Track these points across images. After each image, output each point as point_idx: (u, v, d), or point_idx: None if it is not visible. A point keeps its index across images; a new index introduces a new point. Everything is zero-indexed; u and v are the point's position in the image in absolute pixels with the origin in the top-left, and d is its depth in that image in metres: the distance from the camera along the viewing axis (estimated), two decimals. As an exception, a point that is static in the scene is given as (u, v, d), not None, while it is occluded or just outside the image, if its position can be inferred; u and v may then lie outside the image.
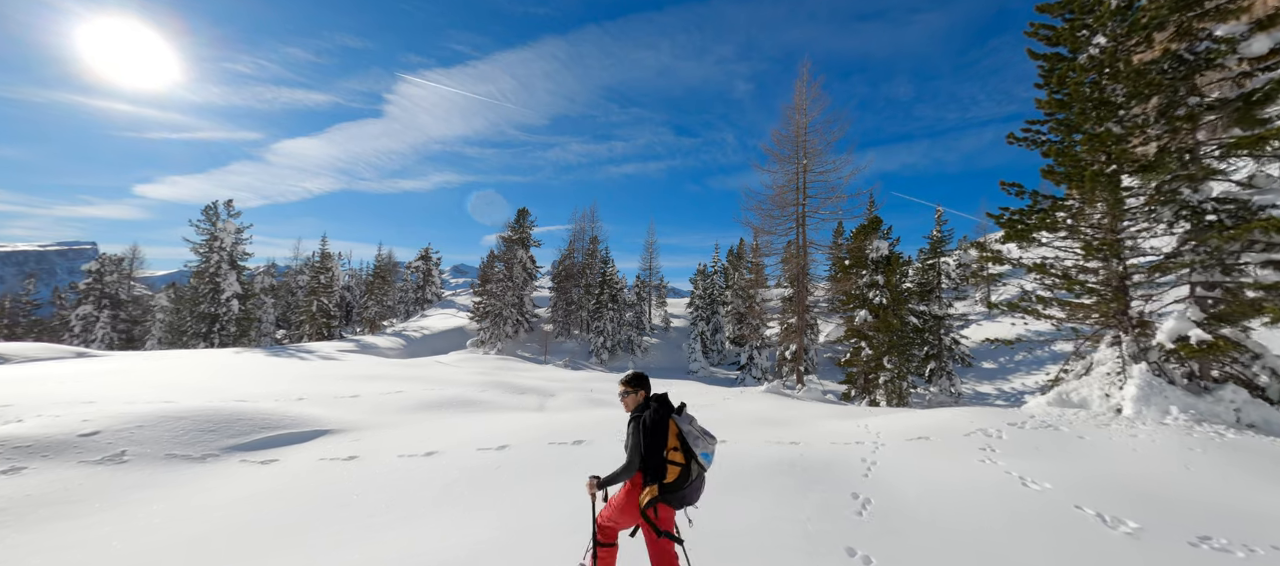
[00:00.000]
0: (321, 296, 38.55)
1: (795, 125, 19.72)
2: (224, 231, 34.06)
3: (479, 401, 10.24)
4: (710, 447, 2.64)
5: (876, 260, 23.20)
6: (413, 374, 14.31)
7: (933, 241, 28.95)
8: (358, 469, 5.48)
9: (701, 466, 2.59)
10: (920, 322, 26.03)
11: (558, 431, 6.90)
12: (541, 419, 8.22)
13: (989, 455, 5.76)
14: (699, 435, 2.62)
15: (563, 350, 36.64)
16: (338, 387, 10.74)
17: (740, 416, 9.86)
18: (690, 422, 2.66)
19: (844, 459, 5.65)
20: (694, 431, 2.62)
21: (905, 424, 7.64)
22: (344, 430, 7.18)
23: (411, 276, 56.69)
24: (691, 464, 2.57)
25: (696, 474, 2.60)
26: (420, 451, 6.08)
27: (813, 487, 4.70)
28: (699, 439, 2.60)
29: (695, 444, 2.58)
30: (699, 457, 2.59)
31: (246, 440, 6.22)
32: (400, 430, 7.37)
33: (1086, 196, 7.87)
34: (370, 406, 8.96)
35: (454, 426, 7.59)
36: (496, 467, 5.38)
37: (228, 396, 9.09)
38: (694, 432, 2.61)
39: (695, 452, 2.57)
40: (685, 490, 2.59)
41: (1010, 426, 6.81)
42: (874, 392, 22.70)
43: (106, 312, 37.10)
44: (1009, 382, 29.32)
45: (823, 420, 9.43)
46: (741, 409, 11.66)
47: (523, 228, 41.56)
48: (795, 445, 6.39)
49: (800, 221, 19.76)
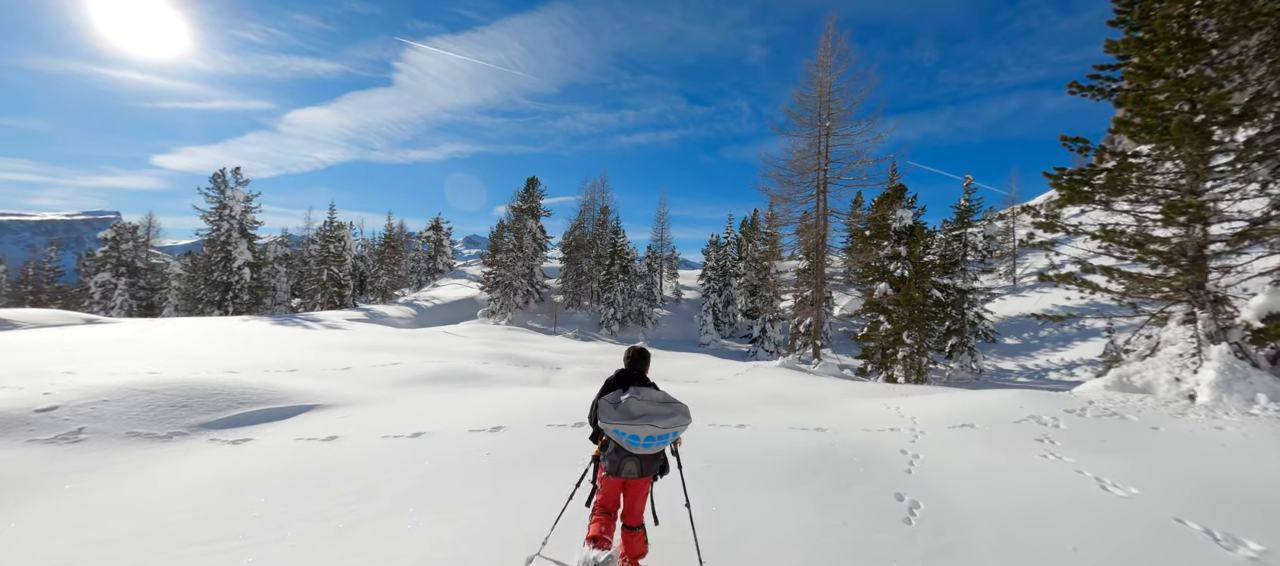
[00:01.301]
0: (332, 265, 38.50)
1: (819, 84, 18.37)
2: (233, 199, 33.84)
3: (480, 375, 9.72)
4: (634, 429, 2.67)
5: (899, 230, 22.03)
6: (416, 344, 13.88)
7: (960, 211, 27.49)
8: (334, 452, 4.94)
9: (615, 441, 2.77)
10: (944, 296, 24.93)
11: (560, 410, 6.29)
12: (545, 395, 7.64)
13: (1049, 448, 5.01)
14: (635, 415, 2.69)
15: (573, 321, 36.30)
16: (335, 358, 10.29)
17: (757, 394, 9.21)
18: (633, 397, 2.76)
19: (881, 450, 4.95)
20: (628, 408, 2.71)
21: (942, 407, 6.89)
22: (332, 405, 6.67)
23: (423, 246, 56.53)
24: (609, 437, 2.81)
25: (615, 447, 2.81)
26: (407, 431, 5.52)
27: (851, 488, 4.01)
28: (620, 416, 2.70)
29: (606, 418, 2.73)
30: (610, 432, 2.75)
31: (222, 416, 5.72)
32: (391, 406, 6.84)
33: (1166, 151, 6.81)
34: (365, 379, 8.47)
35: (450, 403, 7.04)
36: (485, 454, 4.78)
37: (218, 367, 8.67)
38: (623, 409, 2.71)
39: (605, 427, 2.76)
40: (607, 459, 2.85)
41: (1068, 414, 6.02)
42: (891, 368, 21.93)
43: (124, 280, 37.52)
44: (1032, 359, 28.23)
45: (846, 400, 8.73)
46: (757, 385, 11.00)
47: (532, 197, 40.70)
48: (823, 432, 5.70)
49: (821, 188, 18.63)
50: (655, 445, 2.74)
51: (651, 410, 2.71)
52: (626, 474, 2.78)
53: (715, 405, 7.00)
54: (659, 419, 2.69)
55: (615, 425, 2.69)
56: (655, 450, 2.78)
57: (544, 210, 41.17)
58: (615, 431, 2.71)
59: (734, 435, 5.49)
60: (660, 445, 2.76)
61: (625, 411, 2.70)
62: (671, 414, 2.74)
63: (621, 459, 2.78)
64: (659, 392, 2.89)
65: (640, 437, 2.68)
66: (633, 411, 2.70)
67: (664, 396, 2.86)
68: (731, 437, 5.39)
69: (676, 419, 2.74)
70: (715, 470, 4.37)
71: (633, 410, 2.70)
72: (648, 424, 2.66)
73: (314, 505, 3.81)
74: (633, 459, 2.77)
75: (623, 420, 2.68)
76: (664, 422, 2.70)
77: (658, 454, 2.84)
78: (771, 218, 35.86)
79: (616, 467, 2.80)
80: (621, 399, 2.76)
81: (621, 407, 2.72)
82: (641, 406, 2.72)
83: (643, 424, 2.66)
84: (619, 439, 2.73)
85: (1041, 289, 36.63)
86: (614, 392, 2.85)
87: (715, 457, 4.69)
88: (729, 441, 5.25)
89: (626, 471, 2.78)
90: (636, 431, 2.66)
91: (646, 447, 2.72)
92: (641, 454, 2.76)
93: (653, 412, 2.71)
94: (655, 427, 2.67)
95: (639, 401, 2.74)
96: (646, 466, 2.81)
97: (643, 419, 2.67)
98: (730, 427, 5.80)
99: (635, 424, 2.66)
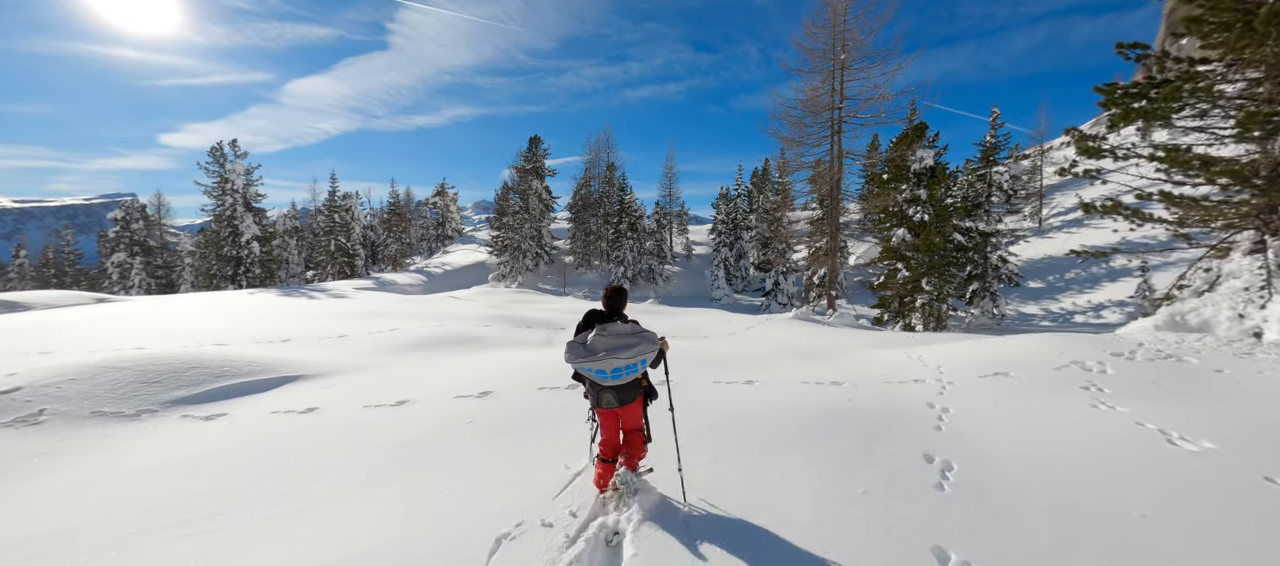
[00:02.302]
0: (339, 235, 38.41)
1: (832, 12, 16.85)
2: (233, 173, 33.50)
3: (479, 338, 9.38)
4: (598, 364, 2.77)
5: (919, 172, 20.80)
6: (417, 310, 13.61)
7: (985, 149, 25.90)
8: (310, 425, 4.60)
9: (589, 378, 2.92)
10: (966, 240, 23.84)
11: (553, 372, 5.89)
12: (542, 357, 7.25)
13: (1099, 397, 4.45)
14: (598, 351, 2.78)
15: (583, 281, 36.00)
16: (333, 327, 10.03)
17: (769, 347, 8.72)
18: (598, 333, 2.85)
19: (907, 404, 4.44)
20: (592, 346, 2.81)
21: (971, 355, 6.32)
22: (317, 375, 6.36)
23: (430, 213, 56.13)
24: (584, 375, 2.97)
25: (590, 384, 2.99)
26: (390, 400, 5.17)
27: (873, 449, 3.52)
28: (585, 354, 2.80)
29: (575, 357, 2.83)
30: (581, 370, 2.87)
31: (198, 391, 5.43)
32: (380, 374, 6.51)
33: (1245, 53, 5.82)
34: (358, 347, 8.17)
35: (441, 368, 6.68)
36: (468, 422, 4.39)
37: (209, 340, 8.43)
38: (589, 347, 2.81)
39: (576, 366, 2.87)
40: (588, 395, 3.08)
41: (1114, 357, 5.41)
42: (909, 316, 21.28)
43: (139, 260, 38.00)
44: (1057, 303, 27.24)
45: (864, 350, 8.20)
46: (769, 338, 10.52)
47: (536, 156, 39.64)
48: (840, 386, 5.21)
49: (836, 128, 17.44)
50: (625, 375, 2.85)
51: (614, 343, 2.80)
52: (606, 404, 2.96)
53: (723, 360, 6.54)
54: (621, 351, 2.78)
55: (582, 364, 2.81)
56: (627, 379, 2.89)
57: (549, 169, 40.15)
58: (584, 369, 2.83)
59: (741, 392, 5.03)
60: (630, 374, 2.86)
61: (590, 349, 2.81)
62: (637, 343, 2.82)
63: (598, 392, 2.96)
64: (625, 326, 2.95)
65: (607, 371, 2.79)
66: (595, 348, 2.80)
67: (632, 327, 2.94)
68: (738, 395, 4.93)
69: (641, 347, 2.82)
70: (717, 432, 3.92)
71: (595, 347, 2.80)
72: (609, 357, 2.76)
73: (278, 484, 3.46)
74: (608, 390, 2.93)
75: (587, 358, 2.79)
76: (626, 354, 2.78)
77: (632, 382, 2.95)
78: (782, 165, 34.40)
79: (597, 400, 3.00)
80: (588, 338, 2.85)
81: (588, 346, 2.82)
82: (605, 341, 2.81)
83: (604, 358, 2.76)
84: (589, 375, 2.86)
85: (1069, 229, 35.04)
86: (582, 335, 2.93)
87: (718, 418, 4.23)
88: (735, 399, 4.79)
89: (606, 402, 2.96)
90: (602, 365, 2.77)
91: (615, 379, 2.85)
92: (614, 385, 2.90)
93: (615, 346, 2.80)
94: (618, 359, 2.77)
95: (603, 337, 2.83)
96: (625, 394, 2.96)
97: (604, 353, 2.77)
98: (737, 384, 5.34)
99: (599, 359, 2.76)
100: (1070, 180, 46.29)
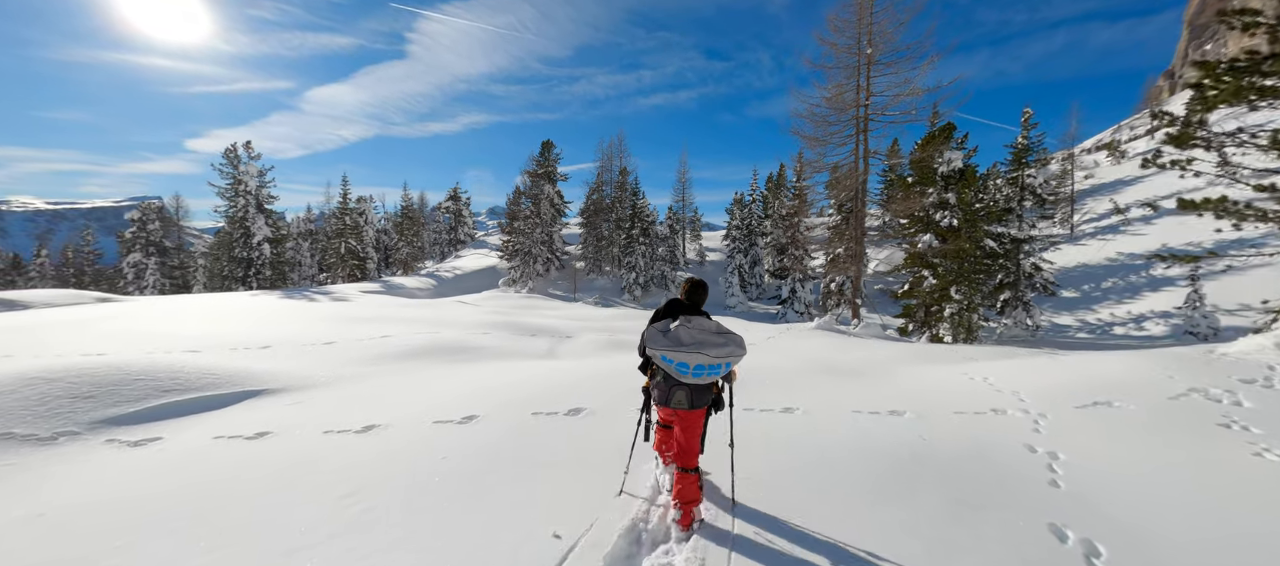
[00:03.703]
0: (350, 238, 38.21)
1: (857, 5, 15.87)
2: (247, 174, 33.46)
3: (476, 347, 8.54)
4: (682, 357, 2.54)
5: (947, 174, 19.65)
6: (418, 315, 12.86)
7: (1016, 151, 24.57)
8: (252, 455, 3.76)
9: (663, 369, 2.66)
10: (998, 246, 22.50)
11: (554, 392, 4.99)
12: (544, 371, 6.37)
13: (1250, 440, 3.41)
14: (685, 343, 2.55)
15: (594, 287, 35.21)
16: (322, 332, 9.27)
17: (797, 360, 7.73)
18: (683, 325, 2.62)
19: (1000, 447, 3.45)
20: (677, 336, 2.58)
21: (1048, 377, 5.27)
22: (285, 389, 5.55)
23: (443, 218, 56.00)
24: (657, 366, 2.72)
25: (664, 376, 2.71)
26: (357, 424, 4.32)
27: (977, 514, 2.56)
28: (669, 344, 2.57)
29: (655, 345, 2.61)
30: (658, 359, 2.63)
31: (136, 408, 4.64)
32: (357, 387, 5.68)
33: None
34: (342, 355, 7.38)
35: (427, 383, 5.83)
36: (442, 458, 3.51)
37: (183, 345, 7.72)
38: (673, 337, 2.58)
39: (653, 354, 2.65)
40: (656, 388, 2.78)
41: (1244, 385, 4.35)
42: (936, 327, 20.07)
43: (154, 260, 38.17)
44: (1094, 313, 25.62)
45: (908, 367, 7.17)
46: (795, 350, 9.52)
47: (548, 161, 39.11)
48: (900, 416, 4.22)
49: (861, 127, 16.41)
50: (706, 375, 2.60)
51: (703, 338, 2.57)
52: (676, 403, 2.68)
53: (750, 377, 5.59)
54: (710, 347, 2.55)
55: (663, 352, 2.58)
56: (706, 380, 2.63)
57: (561, 174, 39.57)
58: (663, 358, 2.60)
59: (781, 425, 4.08)
60: (712, 375, 2.61)
61: (675, 338, 2.58)
62: (725, 343, 2.58)
63: (670, 388, 2.69)
64: (712, 322, 2.71)
65: (689, 366, 2.56)
66: (682, 339, 2.57)
67: (717, 326, 2.70)
68: (778, 428, 3.98)
69: (730, 349, 2.58)
70: (759, 484, 2.98)
71: (682, 338, 2.57)
72: (698, 351, 2.53)
73: (174, 546, 2.61)
74: (682, 388, 2.67)
75: (671, 347, 2.56)
76: (716, 351, 2.55)
77: (709, 385, 2.69)
78: (799, 173, 33.36)
79: (665, 396, 2.72)
80: (671, 327, 2.63)
81: (671, 335, 2.60)
82: (692, 334, 2.59)
83: (692, 351, 2.54)
84: (667, 366, 2.62)
85: (1104, 235, 33.32)
86: (664, 321, 2.72)
87: (762, 460, 3.29)
88: (775, 433, 3.85)
89: (676, 401, 2.68)
90: (686, 359, 2.55)
91: (696, 377, 2.60)
92: (691, 383, 2.64)
93: (704, 341, 2.56)
94: (706, 356, 2.54)
95: (689, 329, 2.60)
96: (697, 397, 2.67)
97: (692, 346, 2.54)
98: (773, 412, 4.38)
99: (684, 351, 2.54)
100: (1102, 185, 44.17)
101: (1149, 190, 37.38)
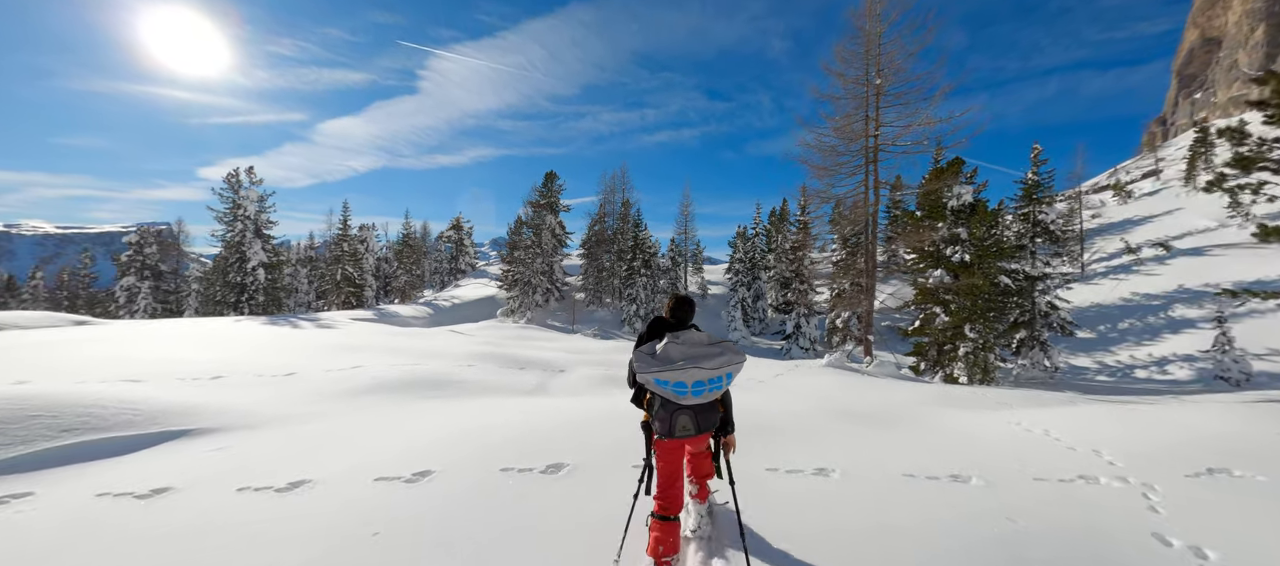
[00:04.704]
0: (346, 265, 37.69)
1: (866, 36, 15.70)
2: (247, 199, 33.23)
3: (457, 381, 7.68)
4: (677, 375, 2.23)
5: (958, 209, 19.15)
6: (402, 344, 12.03)
7: (1026, 186, 24.15)
8: (135, 521, 2.93)
9: (660, 394, 2.35)
10: (1012, 283, 21.73)
11: (534, 439, 4.15)
12: (526, 411, 5.52)
13: None
14: (675, 359, 2.26)
15: (593, 319, 34.37)
16: (287, 362, 8.44)
17: (813, 402, 6.85)
18: (671, 341, 2.34)
19: (1111, 534, 2.61)
20: (666, 354, 2.29)
21: (1127, 431, 4.41)
22: (216, 429, 4.71)
23: (445, 247, 55.77)
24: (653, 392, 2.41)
25: (661, 403, 2.41)
26: (283, 479, 3.48)
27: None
28: (659, 364, 2.27)
29: (645, 368, 2.29)
30: (652, 384, 2.31)
31: (22, 453, 3.80)
32: (302, 429, 4.83)
33: None
34: (300, 389, 6.54)
35: (385, 424, 4.99)
36: (371, 533, 2.67)
37: (126, 372, 6.89)
38: (662, 356, 2.29)
39: (645, 380, 2.33)
40: (657, 419, 2.42)
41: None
42: (950, 366, 19.12)
43: (148, 284, 37.58)
44: (1112, 355, 24.61)
45: (938, 411, 6.30)
46: (808, 390, 8.63)
47: (551, 192, 39.03)
48: (965, 483, 3.36)
49: (871, 156, 15.95)
50: (707, 391, 2.31)
51: (695, 352, 2.30)
52: (681, 431, 2.37)
53: (765, 424, 4.74)
54: (705, 360, 2.26)
55: (656, 375, 2.27)
56: (709, 397, 2.34)
57: (563, 205, 39.39)
58: (657, 382, 2.28)
59: (815, 494, 3.22)
60: (713, 391, 2.32)
61: (664, 358, 2.29)
62: (721, 353, 2.31)
63: (672, 415, 2.38)
64: (701, 335, 2.41)
65: (687, 384, 2.26)
66: (672, 356, 2.28)
67: (708, 337, 2.40)
68: (812, 499, 3.13)
69: (727, 358, 2.31)
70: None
71: (672, 355, 2.29)
72: (693, 366, 2.25)
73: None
74: (685, 412, 2.37)
75: (663, 368, 2.26)
76: (712, 363, 2.27)
77: (712, 404, 2.43)
78: (804, 204, 33.04)
79: (669, 426, 2.39)
80: (659, 347, 2.35)
81: (660, 355, 2.31)
82: (682, 349, 2.31)
83: (687, 368, 2.24)
84: (663, 390, 2.29)
85: (1116, 275, 32.62)
86: (650, 343, 2.41)
87: (793, 552, 2.43)
88: (810, 508, 2.99)
89: (681, 428, 2.37)
90: (682, 378, 2.25)
91: (697, 396, 2.31)
92: (694, 404, 2.35)
93: (697, 354, 2.29)
94: (702, 370, 2.25)
95: (678, 345, 2.33)
96: (703, 420, 2.41)
97: (685, 362, 2.26)
98: (804, 473, 3.52)
99: (677, 369, 2.25)
100: (1111, 224, 43.81)
101: (1160, 230, 36.96)
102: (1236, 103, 63.20)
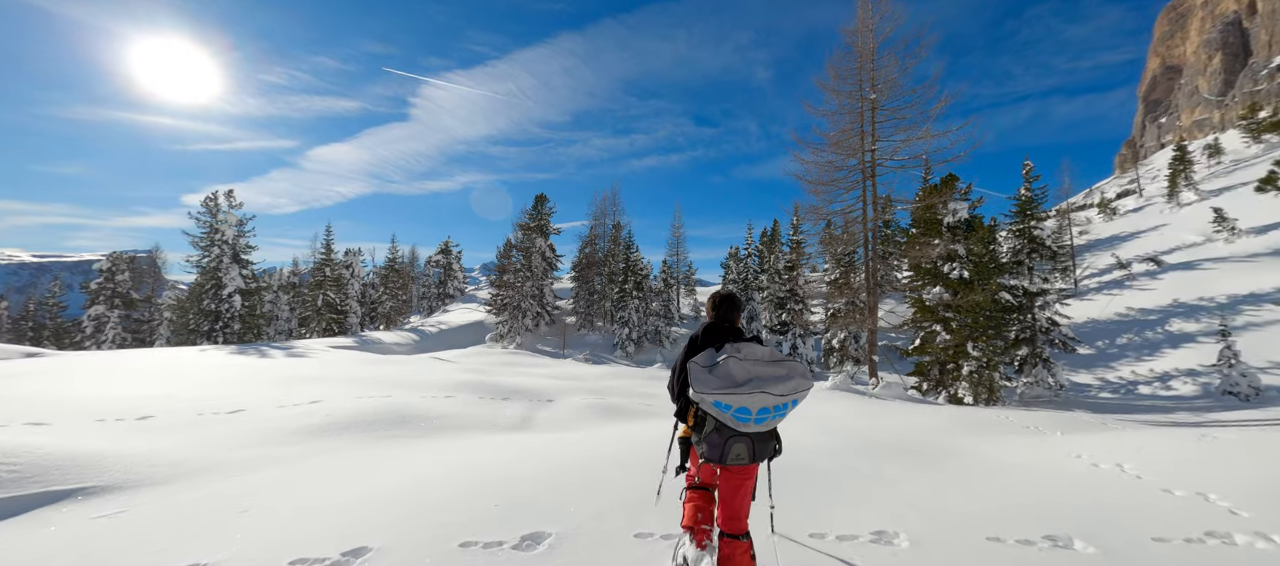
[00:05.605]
0: (329, 291, 36.45)
1: (859, 52, 15.47)
2: (225, 223, 32.08)
3: (431, 415, 6.76)
4: (743, 400, 1.84)
5: (953, 225, 18.82)
6: (377, 374, 11.04)
7: (1021, 202, 24.02)
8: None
9: (716, 417, 1.95)
10: (1012, 299, 21.30)
11: (508, 494, 3.30)
12: (503, 454, 4.65)
13: None
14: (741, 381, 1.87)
15: (585, 343, 33.38)
16: (236, 395, 7.45)
17: (833, 433, 6.05)
18: (732, 356, 1.95)
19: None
20: (729, 372, 1.90)
21: (1226, 466, 3.67)
22: (111, 488, 3.78)
23: (433, 272, 54.63)
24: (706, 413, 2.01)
25: (717, 427, 1.99)
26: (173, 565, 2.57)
27: None
28: (721, 384, 1.88)
29: (702, 386, 1.89)
30: (708, 406, 1.92)
31: None
32: (226, 483, 3.92)
33: None
34: (241, 429, 5.59)
35: (331, 476, 4.09)
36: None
37: (38, 414, 5.88)
38: (724, 374, 1.90)
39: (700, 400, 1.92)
40: (704, 440, 2.02)
41: None
42: (954, 386, 18.48)
43: (117, 312, 35.92)
44: (1114, 371, 24.15)
45: (974, 440, 5.54)
46: (823, 417, 7.85)
47: (541, 215, 38.39)
48: (1068, 547, 2.59)
49: (868, 172, 15.55)
50: (770, 419, 1.92)
51: (761, 372, 1.92)
52: (734, 460, 1.99)
53: (789, 462, 3.95)
54: (773, 383, 1.87)
55: (716, 396, 1.88)
56: (770, 425, 1.96)
57: (553, 228, 38.74)
58: (717, 405, 1.90)
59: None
60: (778, 418, 1.94)
61: (727, 376, 1.90)
62: (788, 376, 1.93)
63: (727, 442, 1.98)
64: (763, 348, 2.03)
65: (751, 411, 1.88)
66: (736, 375, 1.89)
67: (770, 352, 2.03)
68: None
69: (795, 381, 1.92)
70: None
71: (735, 374, 1.90)
72: (761, 390, 1.86)
73: None
74: (742, 440, 1.98)
75: (726, 389, 1.88)
76: (780, 387, 1.88)
77: (772, 431, 2.04)
78: (795, 226, 32.75)
79: (720, 452, 1.99)
80: (718, 360, 1.97)
81: (720, 371, 1.92)
82: (747, 368, 1.92)
83: (754, 391, 1.86)
84: (722, 414, 1.92)
85: (1109, 290, 32.55)
86: (706, 353, 2.04)
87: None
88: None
89: (734, 456, 1.98)
90: (747, 403, 1.87)
91: (760, 424, 1.93)
92: (754, 432, 1.98)
93: (763, 375, 1.90)
94: (770, 395, 1.87)
95: (741, 361, 1.94)
96: (760, 448, 2.02)
97: (752, 384, 1.87)
98: (860, 541, 2.70)
99: (743, 392, 1.86)
100: (1099, 240, 44.23)
101: (1148, 245, 37.19)
102: (1201, 126, 65.76)
